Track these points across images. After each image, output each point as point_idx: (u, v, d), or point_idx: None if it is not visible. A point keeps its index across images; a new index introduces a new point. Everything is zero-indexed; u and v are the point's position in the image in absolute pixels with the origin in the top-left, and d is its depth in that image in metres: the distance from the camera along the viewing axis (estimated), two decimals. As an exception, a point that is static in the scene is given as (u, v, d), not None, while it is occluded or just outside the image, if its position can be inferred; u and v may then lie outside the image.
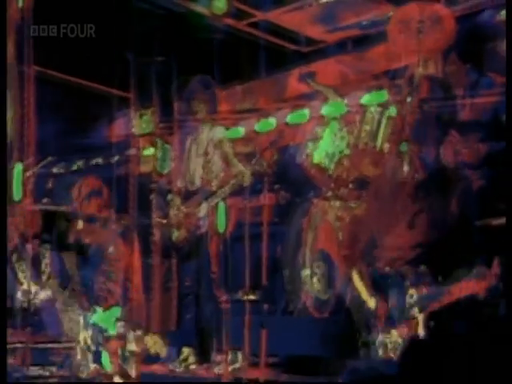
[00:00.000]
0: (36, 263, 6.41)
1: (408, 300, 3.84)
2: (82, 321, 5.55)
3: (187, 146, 6.34)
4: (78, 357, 5.49)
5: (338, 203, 5.86)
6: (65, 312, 5.74)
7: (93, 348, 5.43)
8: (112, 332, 5.35)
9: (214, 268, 6.03)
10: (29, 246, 6.25)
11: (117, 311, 5.53)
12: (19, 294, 6.28)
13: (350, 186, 5.89)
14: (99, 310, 5.51)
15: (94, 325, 5.45)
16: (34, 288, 6.35)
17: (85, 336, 5.48)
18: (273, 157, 5.80)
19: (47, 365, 5.55)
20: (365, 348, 4.11)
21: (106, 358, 5.35)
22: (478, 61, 5.51)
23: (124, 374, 5.28)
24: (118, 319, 5.44)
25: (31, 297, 6.26)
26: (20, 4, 6.20)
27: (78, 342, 5.54)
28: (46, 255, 6.52)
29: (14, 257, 6.44)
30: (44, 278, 6.46)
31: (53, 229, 6.72)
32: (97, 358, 5.39)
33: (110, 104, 7.84)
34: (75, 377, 5.42)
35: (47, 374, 5.50)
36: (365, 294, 4.19)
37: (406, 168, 4.15)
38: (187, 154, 6.29)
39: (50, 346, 5.56)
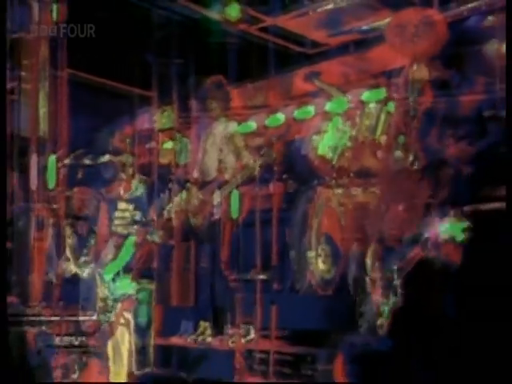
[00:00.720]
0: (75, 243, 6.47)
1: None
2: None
3: (202, 140, 6.45)
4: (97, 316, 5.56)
5: (340, 191, 5.98)
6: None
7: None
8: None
9: (227, 251, 6.17)
10: (67, 228, 6.47)
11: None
12: (59, 269, 6.38)
13: (351, 175, 6.00)
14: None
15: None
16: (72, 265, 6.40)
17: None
18: (279, 150, 6.00)
19: (79, 335, 5.65)
20: (361, 318, 4.27)
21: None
22: (464, 63, 5.55)
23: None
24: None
25: (69, 272, 6.32)
26: (55, 17, 6.68)
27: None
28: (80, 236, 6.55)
29: (52, 238, 6.61)
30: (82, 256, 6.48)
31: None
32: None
33: (132, 101, 8.09)
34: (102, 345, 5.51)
35: (77, 343, 5.61)
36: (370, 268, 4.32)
37: (409, 157, 4.21)
38: (202, 147, 6.40)
39: (81, 318, 5.61)
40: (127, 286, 5.46)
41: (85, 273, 6.19)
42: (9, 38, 6.66)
